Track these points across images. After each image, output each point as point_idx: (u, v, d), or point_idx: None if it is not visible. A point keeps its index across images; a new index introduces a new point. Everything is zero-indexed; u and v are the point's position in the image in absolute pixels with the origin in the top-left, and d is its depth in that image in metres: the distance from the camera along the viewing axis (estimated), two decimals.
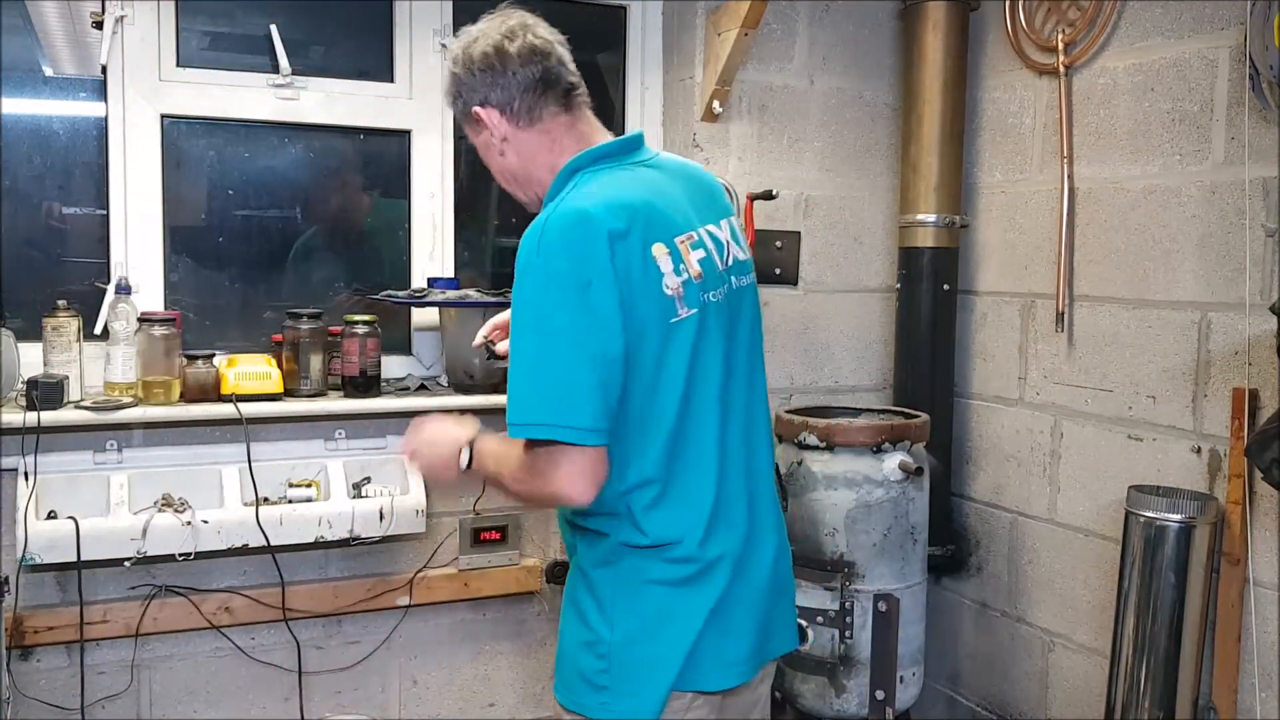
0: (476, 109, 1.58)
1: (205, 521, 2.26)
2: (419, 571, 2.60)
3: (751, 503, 1.61)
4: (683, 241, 1.52)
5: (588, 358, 1.41)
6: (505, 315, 1.83)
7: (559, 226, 1.43)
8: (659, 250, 1.48)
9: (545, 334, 1.42)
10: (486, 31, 1.57)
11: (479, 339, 1.91)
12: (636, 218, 1.47)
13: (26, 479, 2.20)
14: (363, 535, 2.41)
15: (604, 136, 1.63)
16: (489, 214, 2.86)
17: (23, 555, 2.13)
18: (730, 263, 1.60)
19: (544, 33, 1.59)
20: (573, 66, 1.60)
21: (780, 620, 1.67)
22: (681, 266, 1.50)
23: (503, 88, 1.55)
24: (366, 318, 2.47)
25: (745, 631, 1.59)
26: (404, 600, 2.58)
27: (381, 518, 2.40)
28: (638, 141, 1.63)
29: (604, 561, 1.56)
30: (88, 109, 2.45)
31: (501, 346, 1.83)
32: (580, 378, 1.41)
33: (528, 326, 1.44)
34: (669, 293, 1.48)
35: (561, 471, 1.43)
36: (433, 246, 2.72)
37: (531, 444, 1.44)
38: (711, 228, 1.59)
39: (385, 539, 2.48)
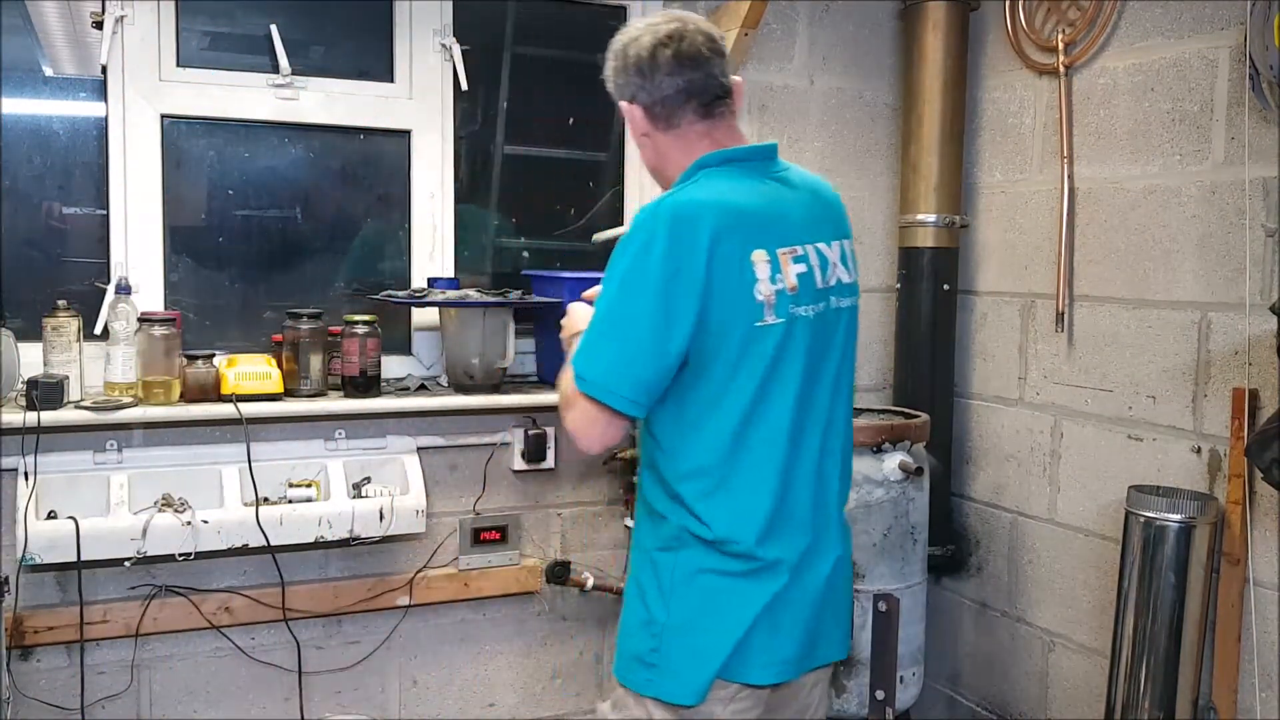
0: (623, 104, 1.69)
1: (205, 521, 2.26)
2: (419, 571, 2.60)
3: (818, 514, 1.66)
4: (785, 253, 1.59)
5: (652, 336, 1.52)
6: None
7: (669, 213, 1.53)
8: (759, 256, 1.55)
9: (622, 306, 1.54)
10: (646, 32, 1.65)
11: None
12: (743, 221, 1.55)
13: (26, 479, 2.19)
14: (363, 535, 2.40)
15: (739, 144, 1.69)
16: (489, 214, 2.86)
17: (23, 555, 2.13)
18: (833, 283, 1.66)
19: (700, 40, 1.63)
20: (722, 75, 1.65)
21: (831, 628, 1.71)
22: (778, 276, 1.57)
23: (648, 91, 1.64)
24: (366, 318, 2.47)
25: (795, 632, 1.64)
26: (404, 600, 2.58)
27: (381, 518, 2.40)
28: (769, 152, 1.70)
29: (666, 546, 1.63)
30: (88, 109, 2.45)
31: None
32: (637, 352, 1.53)
33: (612, 293, 1.56)
34: (759, 298, 1.55)
35: (584, 420, 1.56)
36: (433, 246, 2.72)
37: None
38: (821, 246, 1.65)
39: (385, 539, 2.48)
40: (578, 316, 1.74)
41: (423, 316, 2.72)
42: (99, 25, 2.38)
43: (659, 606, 1.62)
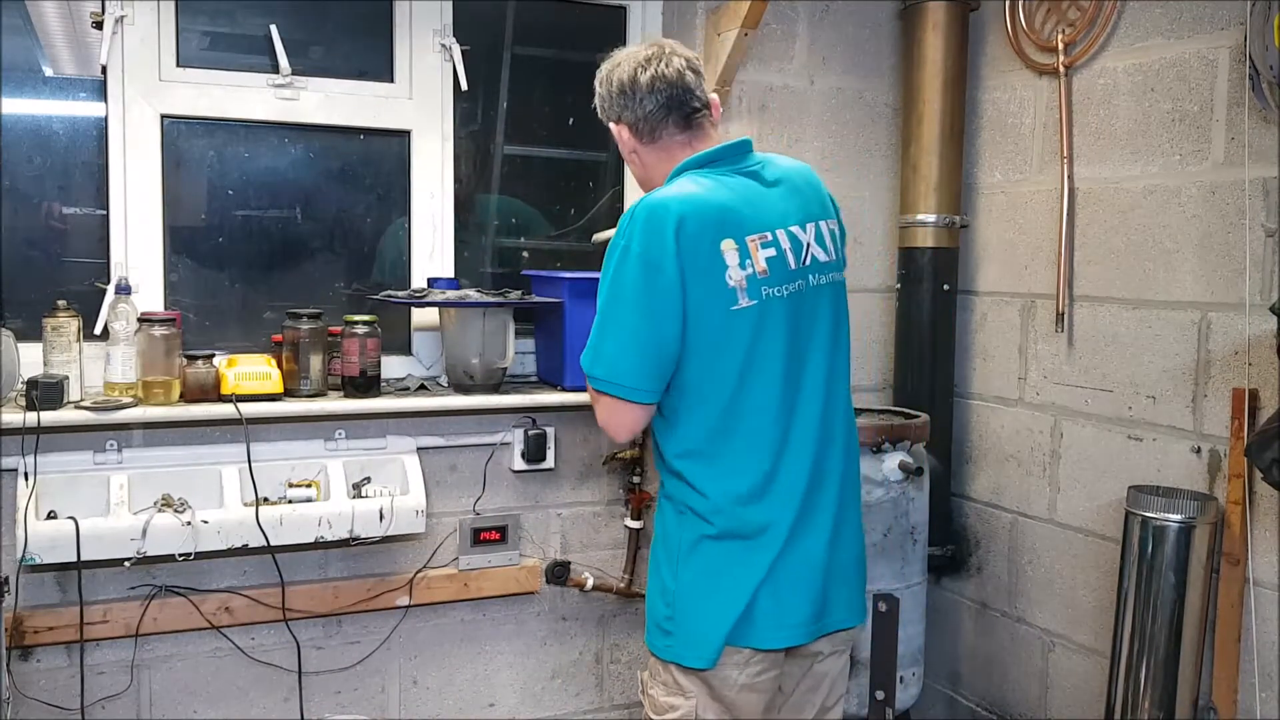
0: (612, 124, 1.86)
1: (205, 521, 2.26)
2: (419, 571, 2.60)
3: (814, 483, 1.75)
4: (753, 240, 1.70)
5: (644, 328, 1.65)
6: None
7: (642, 215, 1.67)
8: (727, 245, 1.67)
9: (614, 302, 1.67)
10: (627, 59, 1.82)
11: None
12: (709, 215, 1.67)
13: (26, 479, 2.19)
14: (363, 535, 2.40)
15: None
16: (489, 214, 2.86)
17: (23, 555, 2.13)
18: (808, 262, 1.76)
19: (677, 63, 1.79)
20: (699, 90, 1.81)
21: (840, 593, 1.80)
22: (748, 262, 1.68)
23: (632, 110, 1.80)
24: (366, 318, 2.47)
25: (800, 597, 1.74)
26: (404, 600, 2.58)
27: (381, 518, 2.40)
28: (742, 147, 1.82)
29: (674, 518, 1.77)
30: (88, 109, 2.45)
31: None
32: (632, 344, 1.65)
33: (603, 293, 1.69)
34: (731, 284, 1.67)
35: (604, 412, 1.72)
36: (433, 246, 2.72)
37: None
38: (794, 229, 1.76)
39: (385, 539, 2.48)
40: None
41: (423, 316, 2.72)
42: (99, 25, 2.38)
43: (670, 575, 1.75)
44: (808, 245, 1.76)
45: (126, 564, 2.23)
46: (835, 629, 1.82)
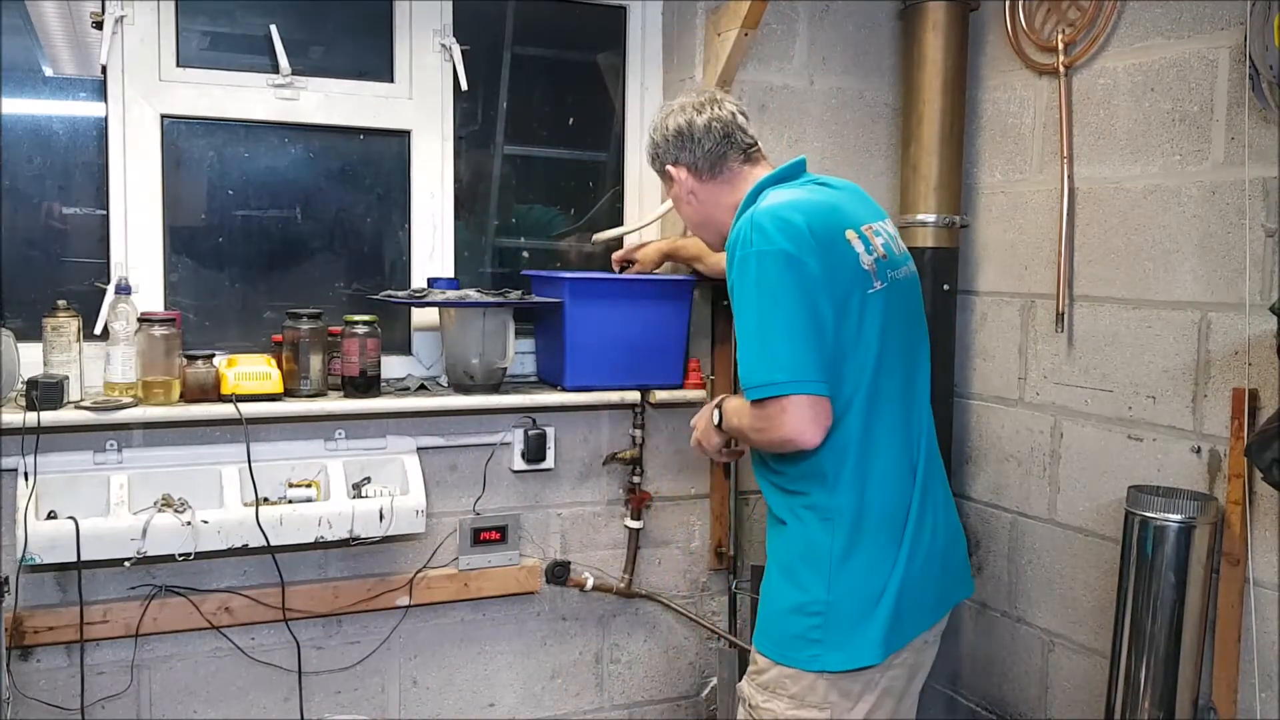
0: (669, 167, 1.94)
1: (205, 521, 2.26)
2: (419, 571, 2.61)
3: (929, 462, 1.82)
4: (867, 229, 1.78)
5: (809, 320, 1.64)
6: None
7: (764, 219, 1.69)
8: (851, 235, 1.74)
9: (766, 305, 1.66)
10: (681, 106, 1.93)
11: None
12: (824, 212, 1.73)
13: (26, 479, 2.20)
14: (363, 535, 2.40)
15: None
16: (489, 214, 2.86)
17: (23, 555, 2.13)
18: (901, 252, 1.86)
19: (730, 106, 1.93)
20: (750, 130, 1.94)
21: (958, 567, 1.90)
22: (870, 247, 1.75)
23: (690, 150, 1.90)
24: (366, 318, 2.47)
25: (932, 581, 1.80)
26: (404, 600, 2.58)
27: (381, 518, 2.40)
28: (802, 165, 1.92)
29: (820, 526, 1.74)
30: (88, 109, 2.45)
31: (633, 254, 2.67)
32: (799, 337, 1.64)
33: (750, 301, 1.68)
34: (865, 267, 1.73)
35: (791, 418, 1.64)
36: (433, 246, 2.72)
37: (759, 400, 1.66)
38: (882, 224, 1.85)
39: (385, 539, 2.48)
40: (701, 412, 1.96)
41: (423, 316, 2.72)
42: (99, 25, 2.38)
43: (821, 587, 1.72)
44: (895, 238, 1.87)
45: (126, 564, 2.23)
46: (955, 603, 1.89)
